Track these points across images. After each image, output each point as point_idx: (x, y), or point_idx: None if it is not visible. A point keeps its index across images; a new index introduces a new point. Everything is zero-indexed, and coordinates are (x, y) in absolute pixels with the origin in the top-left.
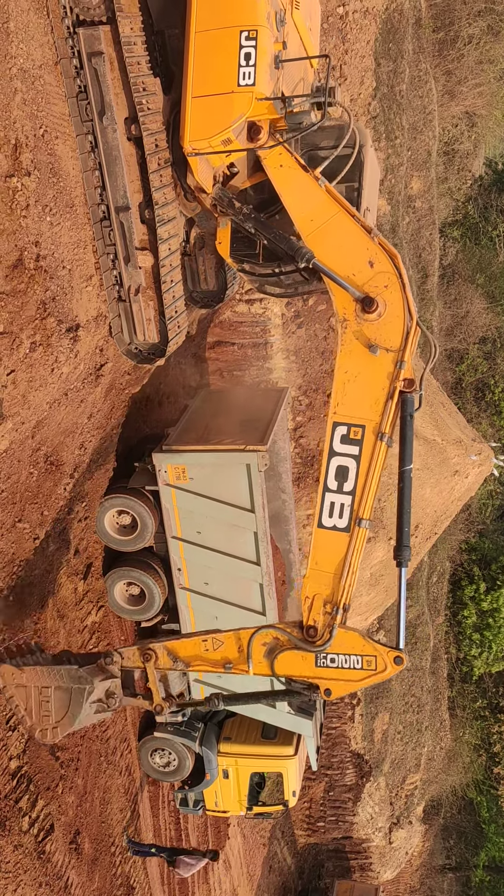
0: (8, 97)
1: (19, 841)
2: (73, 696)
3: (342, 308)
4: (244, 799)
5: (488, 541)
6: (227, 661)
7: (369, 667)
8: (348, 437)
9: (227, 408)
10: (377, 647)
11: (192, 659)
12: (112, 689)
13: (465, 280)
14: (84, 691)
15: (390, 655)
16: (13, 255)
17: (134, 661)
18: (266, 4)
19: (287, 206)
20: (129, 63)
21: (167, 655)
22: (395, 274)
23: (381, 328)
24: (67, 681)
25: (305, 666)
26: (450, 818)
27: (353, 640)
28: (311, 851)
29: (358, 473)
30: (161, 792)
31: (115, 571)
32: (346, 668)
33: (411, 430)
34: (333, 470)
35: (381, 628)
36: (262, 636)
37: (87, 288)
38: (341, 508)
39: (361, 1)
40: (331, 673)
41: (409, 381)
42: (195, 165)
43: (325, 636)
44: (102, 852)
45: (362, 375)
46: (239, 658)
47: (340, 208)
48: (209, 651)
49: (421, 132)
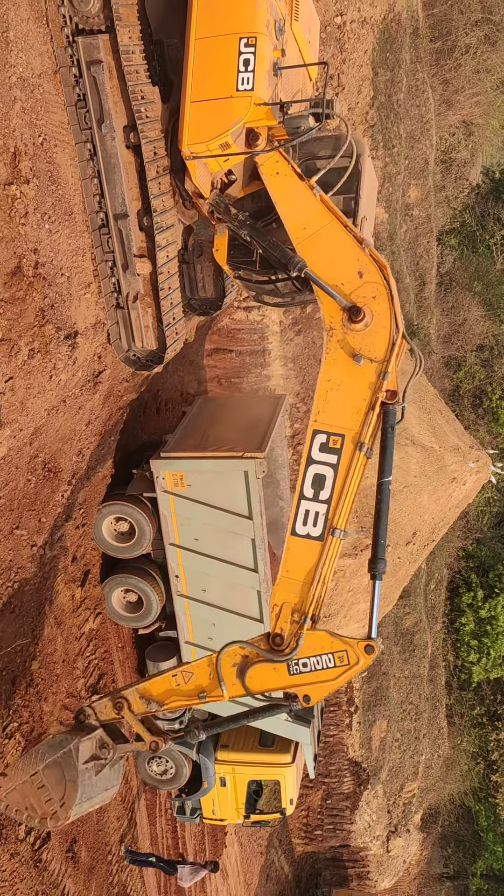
0: (7, 105)
1: (16, 849)
2: (63, 764)
3: (329, 316)
4: (241, 807)
5: (486, 548)
6: (200, 689)
7: (342, 662)
8: (327, 446)
9: (224, 415)
10: (346, 640)
11: (165, 696)
12: (101, 741)
13: (462, 288)
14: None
15: (360, 646)
16: (12, 262)
17: (107, 713)
18: (265, 13)
19: (281, 214)
20: (128, 72)
21: (139, 699)
22: (383, 285)
23: (367, 338)
24: (50, 753)
25: (279, 677)
26: (448, 826)
27: (321, 640)
28: (308, 860)
29: (335, 482)
30: (158, 800)
31: (113, 578)
32: (319, 669)
33: (392, 441)
34: (310, 478)
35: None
36: (229, 656)
37: (85, 295)
38: (316, 517)
39: (359, 11)
40: (306, 678)
41: (392, 392)
42: (193, 169)
43: (292, 644)
44: (99, 861)
45: (345, 384)
46: (212, 684)
47: (333, 218)
48: (181, 685)
49: (418, 141)
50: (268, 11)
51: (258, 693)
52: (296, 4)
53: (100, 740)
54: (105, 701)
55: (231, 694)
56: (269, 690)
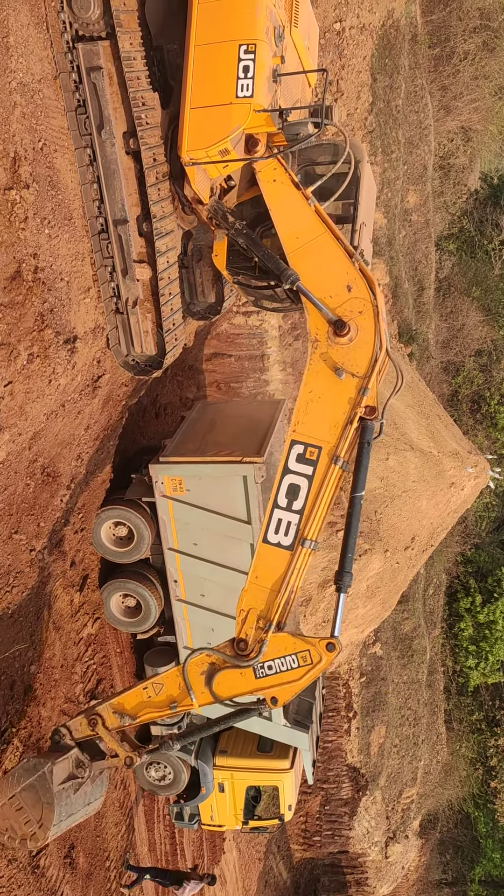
0: (7, 111)
1: (14, 855)
2: (38, 787)
3: (315, 329)
4: (240, 813)
5: (484, 553)
6: (171, 700)
7: (305, 662)
8: (304, 457)
9: (223, 419)
10: (307, 639)
11: (137, 709)
12: (77, 760)
13: (460, 293)
14: (45, 775)
15: (322, 644)
16: (11, 266)
17: (82, 730)
18: (265, 20)
19: (275, 221)
20: (129, 78)
21: (113, 714)
22: (370, 301)
23: (350, 353)
24: (25, 777)
25: (245, 682)
26: (446, 832)
27: (283, 642)
28: (307, 866)
29: (308, 493)
30: (156, 806)
31: (112, 583)
32: (284, 670)
33: (367, 457)
34: (285, 487)
35: (377, 640)
36: (196, 665)
37: (84, 300)
38: (287, 526)
39: (358, 17)
40: (272, 680)
41: (371, 408)
42: (192, 175)
43: (255, 650)
44: (97, 867)
45: (325, 397)
46: (182, 694)
47: (326, 229)
48: (152, 697)
49: (417, 147)
50: (267, 18)
51: (226, 699)
52: (295, 11)
53: (76, 759)
54: (80, 719)
55: (200, 702)
56: (237, 696)
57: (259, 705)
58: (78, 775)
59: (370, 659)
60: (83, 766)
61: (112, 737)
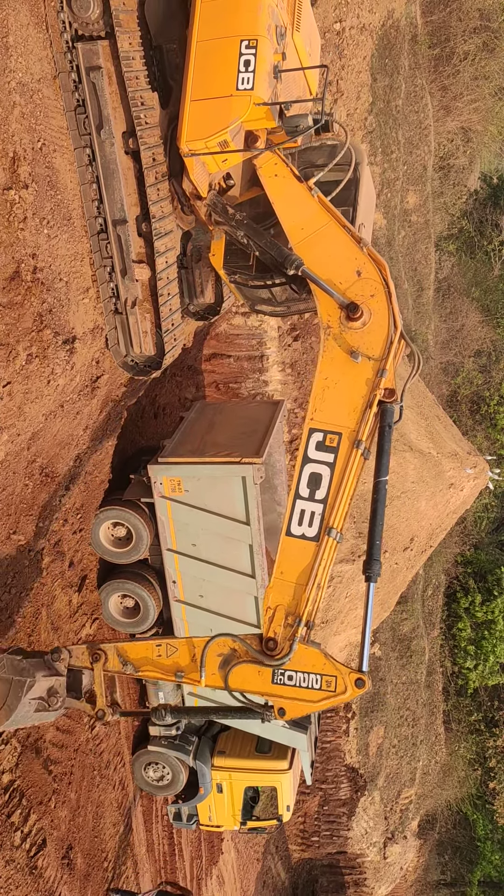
0: (6, 110)
1: (11, 856)
2: (12, 688)
3: (326, 315)
4: (238, 813)
5: (484, 553)
6: (178, 668)
7: (328, 687)
8: (324, 444)
9: (222, 420)
10: (339, 666)
11: (141, 663)
12: (55, 688)
13: (460, 293)
14: (24, 684)
15: (351, 677)
16: (10, 267)
17: (82, 660)
18: (267, 17)
19: (279, 215)
20: (128, 77)
21: (117, 657)
22: (382, 284)
23: (365, 336)
24: (9, 671)
25: (261, 682)
26: (445, 833)
27: (313, 658)
28: (305, 866)
29: (331, 482)
30: (155, 806)
31: (110, 584)
32: (303, 687)
33: (389, 441)
34: (306, 477)
35: (376, 641)
36: (217, 645)
37: (83, 300)
38: (311, 517)
39: (358, 17)
40: (287, 691)
41: (390, 390)
42: (191, 167)
43: (285, 650)
44: (95, 867)
45: (342, 382)
46: (191, 666)
47: (332, 218)
48: (161, 657)
49: (417, 147)
50: (269, 16)
51: (236, 691)
52: (298, 14)
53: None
54: (83, 648)
55: (208, 682)
56: (248, 692)
57: (265, 710)
58: (48, 703)
59: (369, 659)
60: (56, 697)
61: (102, 680)
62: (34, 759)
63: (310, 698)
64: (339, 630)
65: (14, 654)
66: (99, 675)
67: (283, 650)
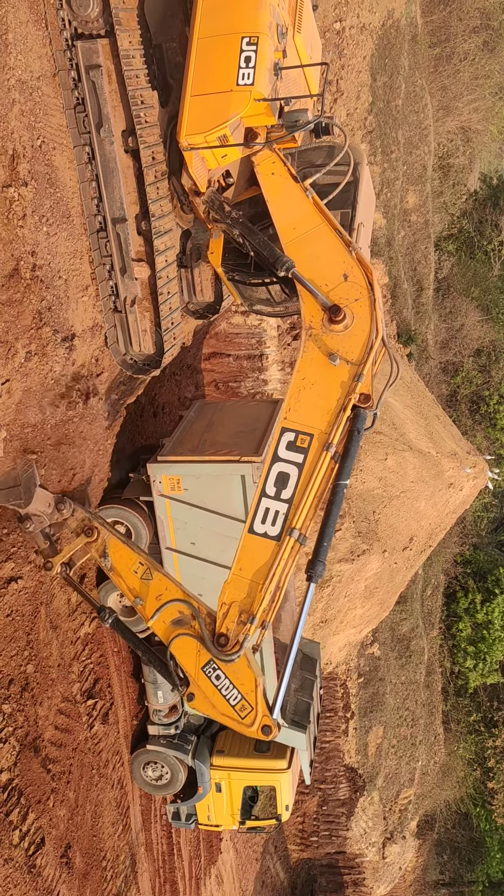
0: (6, 108)
1: (10, 854)
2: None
3: (309, 315)
4: (237, 813)
5: (483, 553)
6: (139, 595)
7: (240, 711)
8: (294, 444)
9: (221, 419)
10: (261, 702)
11: (118, 563)
12: (44, 506)
13: (459, 293)
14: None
15: (263, 720)
16: (9, 264)
17: (73, 523)
18: (268, 15)
19: (273, 214)
20: (128, 76)
21: (103, 546)
22: (367, 289)
23: (346, 339)
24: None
25: (193, 661)
26: (444, 833)
27: (246, 678)
28: (304, 866)
29: (298, 482)
30: (153, 806)
31: (109, 582)
32: (221, 692)
33: (357, 445)
34: (274, 475)
35: (375, 641)
36: (183, 606)
37: (83, 298)
38: (275, 516)
39: (358, 17)
40: (206, 685)
41: (366, 395)
42: (190, 161)
43: (236, 647)
44: (93, 867)
45: (319, 384)
46: (150, 603)
47: (323, 220)
48: (136, 574)
49: (416, 147)
50: (270, 14)
51: (168, 648)
52: (299, 16)
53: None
54: (84, 515)
55: (154, 627)
56: (176, 659)
57: (179, 683)
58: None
59: (368, 659)
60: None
61: (74, 549)
62: (33, 757)
63: (219, 706)
64: (338, 629)
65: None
66: (78, 544)
67: (234, 647)
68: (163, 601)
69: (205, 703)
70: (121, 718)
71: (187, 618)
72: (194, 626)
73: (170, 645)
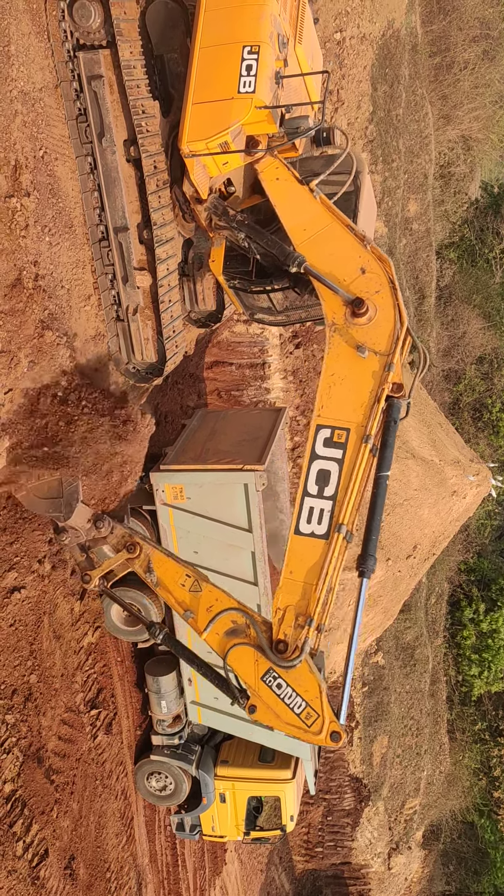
0: (8, 119)
1: (13, 866)
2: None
3: (331, 312)
4: (241, 823)
5: (487, 561)
6: (189, 608)
7: (306, 720)
8: (332, 440)
9: (224, 428)
10: (327, 709)
11: (164, 579)
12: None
13: (461, 301)
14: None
15: (331, 725)
16: (12, 274)
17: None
18: (269, 25)
19: (281, 217)
20: (129, 86)
21: (147, 561)
22: (387, 280)
23: (371, 331)
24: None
25: (252, 671)
26: (449, 843)
27: (310, 684)
28: (309, 877)
29: (340, 477)
30: (157, 816)
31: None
32: (285, 702)
33: (394, 435)
34: (314, 473)
35: (379, 650)
36: (236, 615)
37: (85, 307)
38: (321, 514)
39: (359, 27)
40: (268, 695)
41: (398, 385)
42: (191, 168)
43: (297, 651)
44: (97, 878)
45: (349, 378)
46: (202, 615)
47: (334, 218)
48: (184, 587)
49: (417, 156)
50: (272, 24)
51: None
52: (300, 27)
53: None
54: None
55: (206, 637)
56: (235, 672)
57: (240, 697)
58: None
59: (372, 668)
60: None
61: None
62: (36, 768)
63: (283, 716)
64: (342, 639)
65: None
66: (119, 559)
67: (294, 651)
68: (214, 612)
69: (268, 713)
70: (124, 728)
71: (241, 627)
72: (250, 634)
73: (226, 657)
